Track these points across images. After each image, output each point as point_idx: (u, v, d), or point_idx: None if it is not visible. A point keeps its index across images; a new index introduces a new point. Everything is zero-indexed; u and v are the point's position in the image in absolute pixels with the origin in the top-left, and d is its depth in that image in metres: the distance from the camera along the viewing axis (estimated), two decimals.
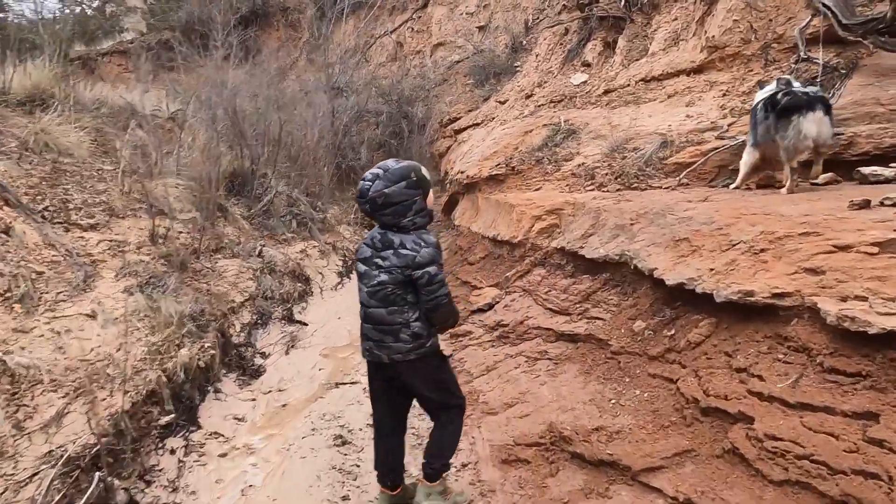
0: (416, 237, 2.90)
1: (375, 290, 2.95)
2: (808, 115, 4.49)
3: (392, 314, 2.94)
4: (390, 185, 2.83)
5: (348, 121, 14.79)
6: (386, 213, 2.87)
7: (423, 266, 2.85)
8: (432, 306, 2.91)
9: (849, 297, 2.80)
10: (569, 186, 7.32)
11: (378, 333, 3.01)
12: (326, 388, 4.97)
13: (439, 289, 2.91)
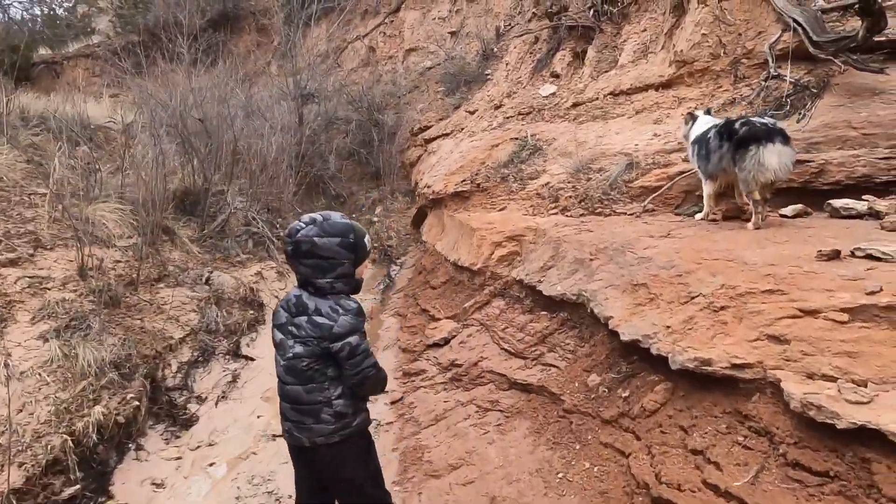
0: (334, 302, 2.55)
1: (291, 363, 2.61)
2: (768, 146, 4.18)
3: (311, 392, 2.59)
4: (323, 236, 2.54)
5: (317, 128, 14.40)
6: (306, 263, 2.55)
7: (343, 337, 2.51)
8: (358, 381, 2.58)
9: (815, 375, 2.47)
10: (533, 207, 6.98)
11: (297, 414, 2.66)
12: (262, 441, 4.58)
13: (363, 360, 2.56)
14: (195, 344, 5.96)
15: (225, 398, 5.29)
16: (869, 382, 2.32)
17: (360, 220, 12.90)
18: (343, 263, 2.58)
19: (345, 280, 2.61)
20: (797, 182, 4.94)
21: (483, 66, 13.14)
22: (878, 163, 4.62)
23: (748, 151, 4.25)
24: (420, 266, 9.02)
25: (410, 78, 16.17)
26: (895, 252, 2.98)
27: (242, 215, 9.06)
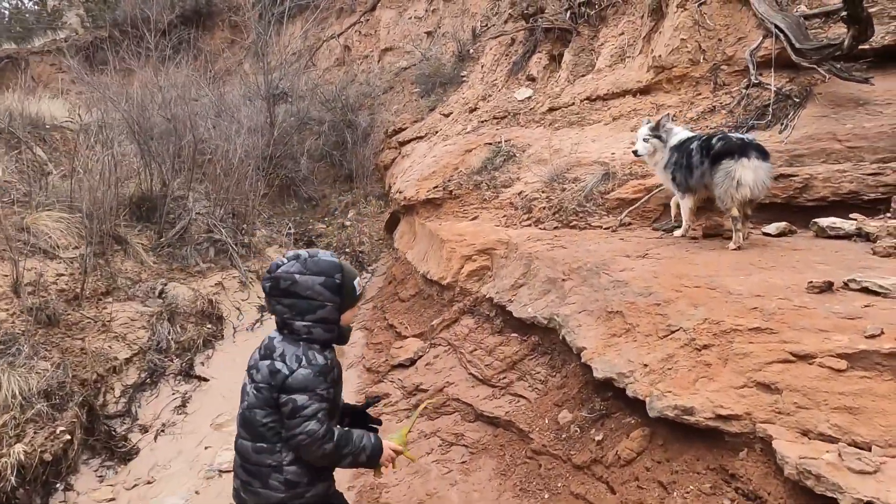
0: (303, 351, 2.23)
1: (245, 414, 2.30)
2: (743, 160, 3.92)
3: (259, 452, 2.25)
4: (305, 273, 2.25)
5: (289, 129, 13.98)
6: (283, 302, 2.25)
7: (291, 391, 2.16)
8: (295, 444, 2.20)
9: (811, 433, 2.18)
10: (506, 218, 6.67)
11: (244, 473, 2.31)
12: (207, 478, 4.20)
13: (301, 424, 2.16)
14: (143, 364, 5.58)
15: (171, 426, 4.88)
16: (873, 445, 2.03)
17: (332, 224, 12.59)
18: (325, 306, 2.27)
19: (325, 326, 2.28)
20: (780, 198, 4.69)
21: (459, 67, 12.83)
22: (865, 178, 4.37)
23: (720, 167, 4.00)
24: (391, 275, 8.69)
25: (385, 78, 15.81)
26: (894, 286, 2.70)
27: (204, 221, 8.63)
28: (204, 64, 17.92)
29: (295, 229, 11.99)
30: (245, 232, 9.26)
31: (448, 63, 13.14)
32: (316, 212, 13.52)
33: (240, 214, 9.55)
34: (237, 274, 8.20)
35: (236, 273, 8.21)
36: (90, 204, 6.30)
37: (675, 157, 4.48)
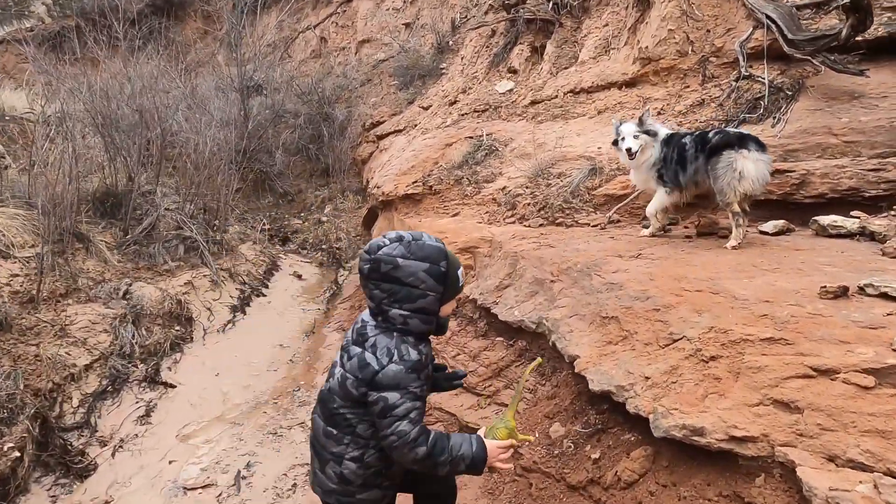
0: (395, 344, 2.07)
1: (325, 395, 2.23)
2: (744, 151, 3.74)
3: (328, 437, 2.18)
4: (409, 258, 2.07)
5: (264, 122, 13.59)
6: (382, 287, 2.09)
7: (382, 388, 2.01)
8: (386, 446, 2.06)
9: (839, 459, 1.96)
10: (488, 214, 6.42)
11: (312, 449, 2.30)
12: (170, 497, 3.89)
13: (393, 424, 2.00)
14: (104, 371, 5.22)
15: (132, 439, 4.55)
16: None
17: (308, 220, 12.25)
18: (427, 295, 2.08)
19: (424, 316, 2.11)
20: (777, 194, 4.50)
21: (438, 59, 12.54)
22: (866, 174, 4.19)
23: (721, 158, 3.80)
24: None
25: (363, 70, 15.48)
26: None
27: (173, 218, 8.25)
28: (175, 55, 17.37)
29: (270, 225, 11.64)
30: (217, 228, 8.89)
31: (427, 55, 12.85)
32: (292, 207, 13.18)
33: (211, 210, 9.17)
34: (208, 272, 7.83)
35: (207, 271, 7.84)
36: (47, 199, 5.91)
37: (665, 153, 4.26)
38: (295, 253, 10.73)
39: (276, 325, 7.16)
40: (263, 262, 9.20)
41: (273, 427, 4.73)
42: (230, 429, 4.75)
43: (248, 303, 7.85)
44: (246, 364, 5.99)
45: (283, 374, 5.81)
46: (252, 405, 5.16)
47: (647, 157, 4.31)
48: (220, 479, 4.03)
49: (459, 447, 2.08)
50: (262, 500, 3.80)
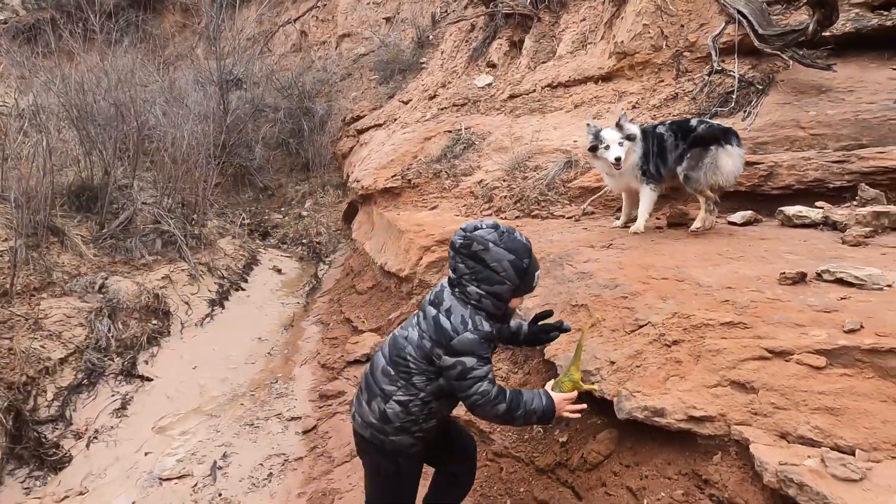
0: (470, 314, 2.27)
1: (396, 339, 2.44)
2: (728, 147, 3.81)
3: (384, 374, 2.39)
4: (499, 245, 2.26)
5: (243, 116, 13.51)
6: (468, 263, 2.28)
7: (458, 354, 2.22)
8: (470, 407, 2.29)
9: (790, 436, 2.03)
10: (466, 207, 6.47)
11: (364, 382, 2.51)
12: (145, 487, 3.90)
13: (473, 385, 2.22)
14: (79, 364, 5.20)
15: (107, 431, 4.54)
16: (857, 450, 1.89)
17: (289, 214, 12.21)
18: (504, 283, 2.27)
19: (496, 301, 2.30)
20: (745, 186, 4.59)
21: (418, 53, 12.56)
22: (830, 166, 4.29)
23: (707, 153, 3.86)
24: (348, 267, 8.43)
25: (343, 65, 15.43)
26: (870, 277, 2.58)
27: (151, 212, 8.19)
28: (153, 48, 17.19)
29: (250, 220, 11.60)
30: (195, 223, 8.83)
31: (407, 49, 12.86)
32: (272, 202, 13.13)
33: (190, 204, 9.11)
34: (186, 267, 7.79)
35: (185, 266, 7.79)
36: (20, 193, 5.85)
37: (644, 148, 4.24)
38: (275, 247, 10.70)
39: (254, 319, 7.16)
40: (243, 257, 9.17)
41: (250, 419, 4.74)
42: (207, 420, 4.76)
43: (226, 297, 7.83)
44: (224, 357, 5.98)
45: (261, 366, 5.82)
46: (229, 397, 5.17)
47: (630, 161, 4.14)
48: (196, 470, 4.04)
49: (532, 402, 2.31)
50: (238, 489, 3.81)
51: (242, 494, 3.76)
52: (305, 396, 5.05)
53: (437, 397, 2.36)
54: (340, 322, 6.36)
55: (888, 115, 4.51)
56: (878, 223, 3.47)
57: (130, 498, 3.77)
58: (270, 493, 3.75)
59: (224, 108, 12.70)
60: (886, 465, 1.81)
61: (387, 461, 2.46)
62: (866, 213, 3.51)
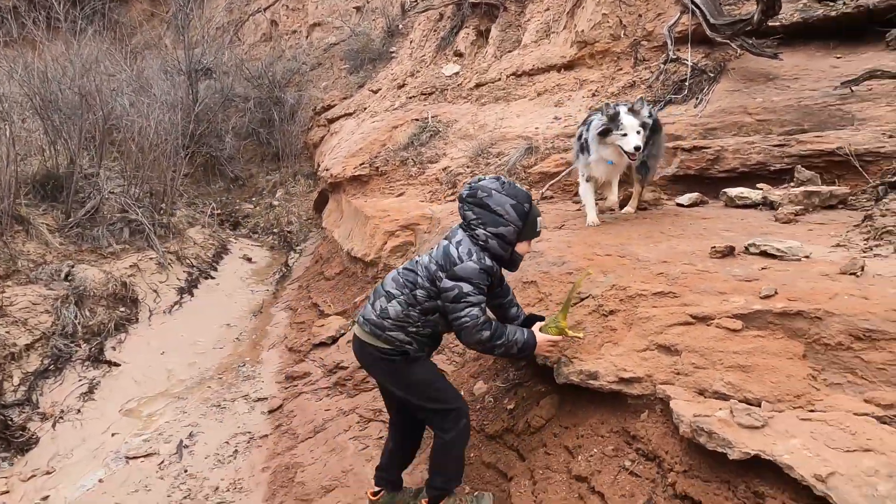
0: (477, 250, 2.54)
1: (411, 262, 2.74)
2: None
3: (394, 280, 2.67)
4: (501, 192, 2.57)
5: (213, 106, 13.45)
6: (475, 210, 2.58)
7: (457, 278, 2.49)
8: (456, 329, 2.54)
9: (707, 392, 2.21)
10: (431, 193, 6.61)
11: (372, 293, 2.75)
12: (112, 465, 3.99)
13: (465, 308, 2.46)
14: (46, 350, 5.24)
15: (73, 413, 4.62)
16: (763, 401, 2.07)
17: (260, 204, 12.22)
18: (508, 225, 2.54)
19: (502, 242, 2.56)
20: (694, 169, 4.80)
21: (388, 43, 12.62)
22: (772, 150, 4.51)
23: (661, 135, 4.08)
24: (317, 254, 8.52)
25: (314, 54, 15.42)
26: (790, 249, 2.78)
27: (118, 201, 8.19)
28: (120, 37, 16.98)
29: (221, 210, 11.58)
30: (164, 212, 8.83)
31: (377, 39, 12.90)
32: (243, 191, 13.12)
33: (158, 194, 9.10)
34: (155, 255, 7.81)
35: (154, 254, 7.82)
36: None
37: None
38: (246, 237, 10.73)
39: (223, 306, 7.23)
40: (212, 246, 9.20)
41: (217, 400, 4.84)
42: (174, 402, 4.85)
43: (195, 285, 7.87)
44: (192, 343, 6.06)
45: (229, 351, 5.91)
46: (196, 381, 5.26)
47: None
48: (163, 449, 4.14)
49: (514, 334, 2.54)
50: (204, 465, 3.92)
51: (208, 470, 3.87)
52: (272, 378, 5.16)
53: (433, 312, 2.59)
54: (308, 307, 6.46)
55: (828, 102, 4.73)
56: (809, 202, 3.68)
57: (97, 476, 3.86)
58: (235, 469, 3.87)
59: (193, 98, 12.64)
60: (787, 414, 1.99)
61: (400, 361, 2.62)
62: (798, 193, 3.72)
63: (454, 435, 2.61)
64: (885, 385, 1.97)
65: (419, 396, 2.65)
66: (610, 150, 3.82)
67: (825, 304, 2.21)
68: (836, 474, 1.69)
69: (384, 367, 2.65)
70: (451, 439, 2.60)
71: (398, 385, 2.68)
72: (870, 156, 4.07)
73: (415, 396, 2.65)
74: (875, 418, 1.88)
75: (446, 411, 2.62)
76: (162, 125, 9.30)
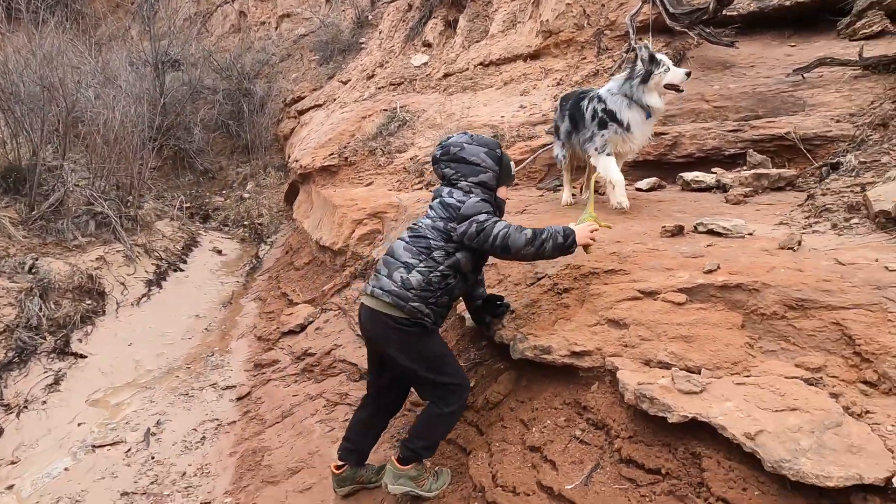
0: (469, 190, 2.68)
1: (414, 225, 2.77)
2: None
3: (406, 250, 2.66)
4: (472, 144, 2.74)
5: (181, 98, 13.30)
6: (451, 166, 2.74)
7: (468, 217, 2.58)
8: (501, 249, 2.55)
9: (651, 362, 2.31)
10: (399, 182, 6.66)
11: (382, 264, 2.73)
12: (79, 453, 3.99)
13: (493, 228, 2.53)
14: (10, 343, 5.19)
15: (38, 403, 4.59)
16: (703, 369, 2.18)
17: (230, 197, 12.15)
18: (486, 171, 2.69)
19: (484, 189, 2.69)
20: (653, 155, 4.91)
21: (357, 34, 12.59)
22: (726, 135, 4.64)
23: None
24: (288, 245, 8.52)
25: (283, 45, 15.32)
26: (734, 227, 2.90)
27: (83, 193, 8.09)
28: (84, 28, 16.66)
29: (191, 203, 11.49)
30: (131, 205, 8.75)
31: (347, 29, 12.87)
32: (213, 184, 13.02)
33: (125, 186, 9.01)
34: (122, 248, 7.75)
35: (121, 247, 7.75)
36: None
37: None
38: (216, 230, 10.67)
39: (192, 298, 7.20)
40: (181, 239, 9.14)
41: (185, 389, 4.85)
42: (141, 392, 4.85)
43: (164, 277, 7.82)
44: (160, 334, 6.05)
45: (198, 341, 5.91)
46: (164, 371, 5.26)
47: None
48: (130, 437, 4.15)
49: (552, 229, 2.61)
50: (171, 452, 3.94)
51: (175, 457, 3.90)
52: (241, 367, 5.18)
53: (453, 273, 2.63)
54: (277, 297, 6.48)
55: (781, 88, 4.88)
56: (759, 184, 3.82)
57: (63, 464, 3.86)
58: (203, 454, 3.90)
59: (160, 90, 12.49)
60: (724, 380, 2.09)
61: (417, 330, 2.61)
62: (749, 176, 3.86)
63: (455, 409, 2.64)
64: (814, 350, 2.09)
65: (429, 369, 2.64)
66: (651, 96, 3.58)
67: (763, 276, 2.32)
68: (765, 432, 1.80)
69: (398, 336, 2.61)
70: (451, 412, 2.64)
71: (409, 355, 2.64)
72: (818, 140, 4.22)
73: (424, 368, 2.64)
74: (803, 381, 1.99)
75: (453, 386, 2.64)
76: (128, 117, 9.20)
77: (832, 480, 1.61)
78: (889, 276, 2.13)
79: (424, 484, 2.68)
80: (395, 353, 2.66)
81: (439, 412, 2.64)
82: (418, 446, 2.67)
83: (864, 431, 1.73)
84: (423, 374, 2.65)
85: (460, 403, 2.67)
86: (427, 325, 2.63)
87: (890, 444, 1.68)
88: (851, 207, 2.88)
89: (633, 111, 3.62)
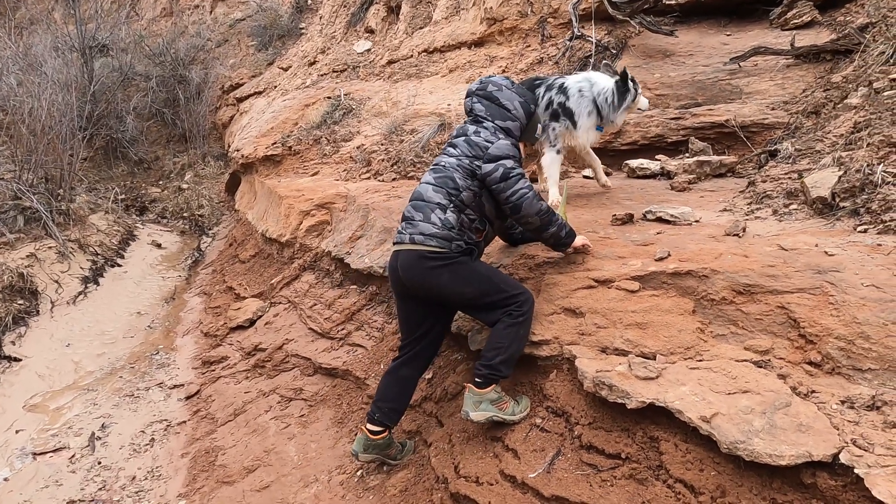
0: (495, 131, 2.69)
1: (436, 167, 2.72)
2: None
3: (437, 192, 2.62)
4: (511, 89, 2.79)
5: (112, 85, 12.74)
6: (483, 102, 2.77)
7: (497, 159, 2.56)
8: (513, 206, 2.54)
9: (608, 349, 2.37)
10: (346, 172, 6.56)
11: (412, 210, 2.67)
12: (18, 462, 3.81)
13: (517, 182, 2.52)
14: None
15: None
16: (658, 355, 2.24)
17: (167, 188, 11.74)
18: (515, 120, 2.74)
19: (507, 133, 2.71)
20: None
21: (297, 19, 12.34)
22: (669, 123, 4.77)
23: None
24: (231, 238, 8.31)
25: (219, 30, 14.86)
26: (682, 214, 2.99)
27: (9, 187, 7.68)
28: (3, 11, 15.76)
29: (126, 195, 11.03)
30: (62, 198, 8.35)
31: (285, 14, 12.58)
32: (149, 175, 12.58)
33: (54, 179, 8.59)
34: (54, 244, 7.40)
35: (53, 243, 7.41)
36: None
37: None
38: (154, 222, 10.32)
39: (132, 294, 6.96)
40: (118, 233, 8.79)
41: (130, 390, 4.70)
42: (83, 395, 4.67)
43: (101, 274, 7.53)
44: (99, 333, 5.83)
45: (141, 339, 5.73)
46: (107, 371, 5.07)
47: None
48: (73, 442, 3.99)
49: (562, 220, 2.66)
50: (119, 456, 3.82)
51: (123, 461, 3.78)
52: (188, 364, 5.05)
53: (481, 214, 2.64)
54: (223, 291, 6.33)
55: (719, 77, 5.04)
56: (701, 171, 3.94)
57: (1, 475, 3.68)
58: (153, 457, 3.79)
59: (88, 77, 11.93)
60: (678, 365, 2.16)
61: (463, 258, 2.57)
62: (692, 163, 3.98)
63: (527, 316, 2.52)
64: (761, 333, 2.18)
65: (486, 290, 2.53)
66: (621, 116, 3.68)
67: (711, 263, 2.40)
68: (719, 414, 1.87)
69: (447, 269, 2.52)
70: (524, 319, 2.51)
71: (461, 284, 2.54)
72: (755, 127, 4.38)
73: (480, 291, 2.53)
74: (753, 363, 2.08)
75: (516, 295, 2.53)
76: (55, 106, 8.76)
77: (784, 459, 1.69)
78: (828, 260, 2.23)
79: (507, 407, 2.50)
80: (446, 286, 2.55)
81: (512, 321, 2.49)
82: (496, 361, 2.47)
83: (811, 411, 1.82)
84: (480, 297, 2.54)
85: (529, 310, 2.54)
86: (474, 251, 2.65)
87: (835, 421, 1.77)
88: (790, 194, 3.01)
89: (591, 120, 3.63)
